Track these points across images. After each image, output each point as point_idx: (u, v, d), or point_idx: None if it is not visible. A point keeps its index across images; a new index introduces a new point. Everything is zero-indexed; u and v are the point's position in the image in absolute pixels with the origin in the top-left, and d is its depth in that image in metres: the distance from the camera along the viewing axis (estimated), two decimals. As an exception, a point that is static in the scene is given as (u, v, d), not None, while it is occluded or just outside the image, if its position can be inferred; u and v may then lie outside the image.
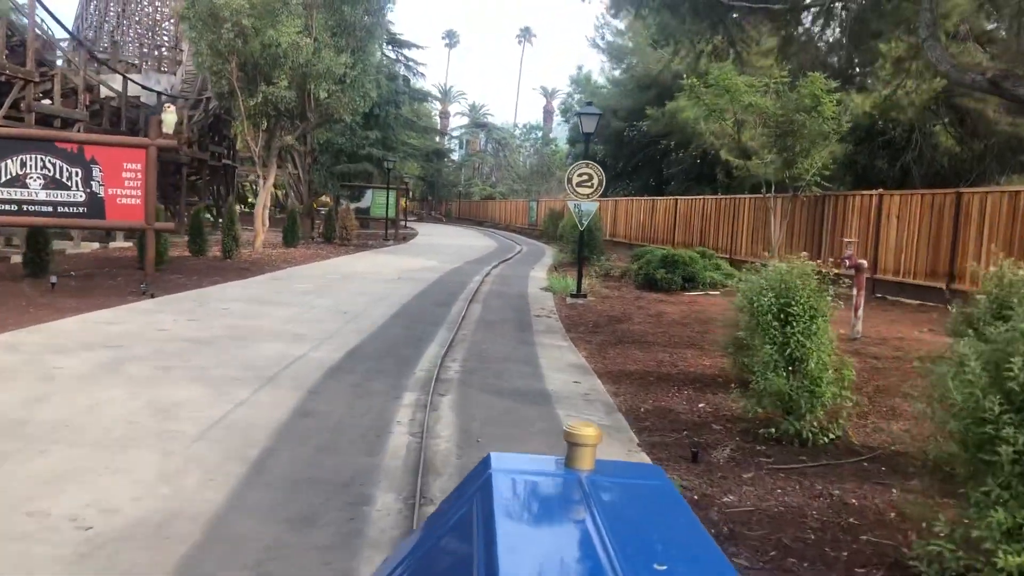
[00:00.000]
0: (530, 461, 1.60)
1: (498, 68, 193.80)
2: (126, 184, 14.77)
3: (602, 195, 42.00)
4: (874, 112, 17.16)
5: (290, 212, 28.05)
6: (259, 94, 23.91)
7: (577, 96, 52.33)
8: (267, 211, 26.08)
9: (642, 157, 36.52)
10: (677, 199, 29.13)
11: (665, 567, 1.19)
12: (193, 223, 22.42)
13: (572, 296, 14.74)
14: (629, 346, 10.18)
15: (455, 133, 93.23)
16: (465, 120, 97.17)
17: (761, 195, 23.28)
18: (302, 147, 28.67)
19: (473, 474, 1.57)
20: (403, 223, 53.30)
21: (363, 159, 41.43)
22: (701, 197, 26.92)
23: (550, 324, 12.04)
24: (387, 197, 34.40)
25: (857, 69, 21.94)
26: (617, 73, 36.55)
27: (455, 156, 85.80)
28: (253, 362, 8.15)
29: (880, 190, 17.92)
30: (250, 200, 60.56)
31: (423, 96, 61.35)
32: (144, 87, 31.12)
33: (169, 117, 14.91)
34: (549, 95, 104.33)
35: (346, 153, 32.36)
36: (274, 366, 7.99)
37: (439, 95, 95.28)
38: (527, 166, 77.49)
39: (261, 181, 25.82)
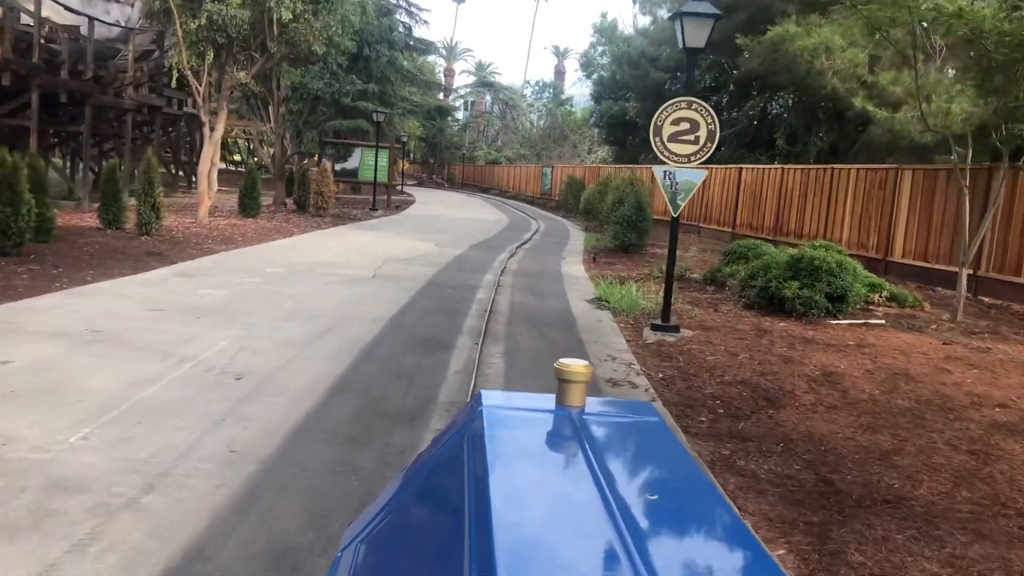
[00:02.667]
0: (521, 398, 1.59)
1: (508, 25, 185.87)
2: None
3: (630, 161, 35.68)
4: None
5: (249, 172, 21.94)
6: (203, 14, 17.81)
7: (600, 48, 45.85)
8: (215, 170, 20.04)
9: (686, 117, 30.27)
10: (742, 168, 23.02)
11: (656, 496, 1.20)
12: (105, 184, 16.38)
13: (655, 328, 8.75)
14: (877, 518, 4.24)
15: (461, 92, 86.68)
16: (471, 79, 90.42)
17: (876, 166, 17.18)
18: (260, 87, 22.50)
19: (464, 411, 1.55)
20: (399, 188, 47.22)
21: (358, 115, 35.36)
22: (779, 167, 20.79)
23: (646, 410, 6.11)
24: (376, 157, 28.25)
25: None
26: (664, 9, 30.06)
27: (459, 115, 79.46)
28: None
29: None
30: (235, 157, 54.20)
31: (425, 47, 54.61)
32: (76, 12, 24.88)
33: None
34: (561, 55, 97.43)
35: (325, 102, 26.15)
36: None
37: (444, 52, 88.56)
38: (538, 128, 71.06)
39: (207, 131, 19.75)
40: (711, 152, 8.44)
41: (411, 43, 51.35)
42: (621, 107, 35.17)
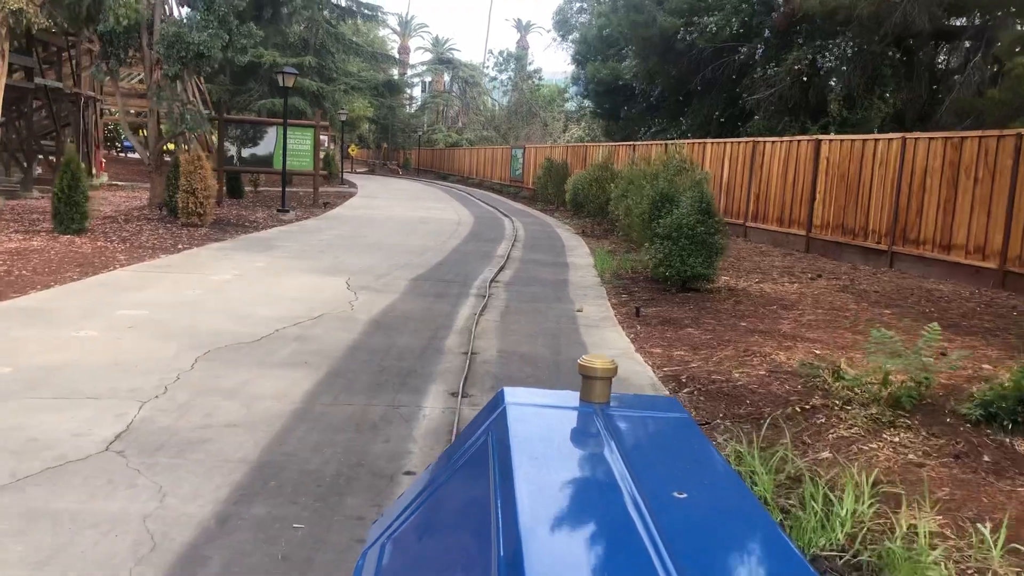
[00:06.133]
0: (544, 395, 1.55)
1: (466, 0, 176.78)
2: None
3: (624, 137, 27.52)
4: None
5: (66, 163, 13.95)
6: None
7: (577, 4, 38.23)
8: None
9: (707, 76, 22.77)
10: (820, 140, 15.57)
11: (685, 495, 1.16)
12: None
13: None
14: None
15: (417, 70, 78.72)
16: (427, 56, 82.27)
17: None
18: (85, 33, 14.51)
19: (487, 408, 1.51)
20: (339, 178, 39.33)
21: (295, 92, 27.69)
22: (898, 136, 13.39)
23: None
24: (284, 138, 20.36)
25: None
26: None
27: (416, 93, 71.43)
28: None
29: None
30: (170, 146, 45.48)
31: (372, 11, 46.04)
32: None
33: None
34: (524, 28, 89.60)
35: (212, 60, 18.24)
36: None
37: (397, 28, 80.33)
38: (504, 106, 63.29)
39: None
40: None
41: (353, 7, 43.43)
42: (612, 69, 27.58)
